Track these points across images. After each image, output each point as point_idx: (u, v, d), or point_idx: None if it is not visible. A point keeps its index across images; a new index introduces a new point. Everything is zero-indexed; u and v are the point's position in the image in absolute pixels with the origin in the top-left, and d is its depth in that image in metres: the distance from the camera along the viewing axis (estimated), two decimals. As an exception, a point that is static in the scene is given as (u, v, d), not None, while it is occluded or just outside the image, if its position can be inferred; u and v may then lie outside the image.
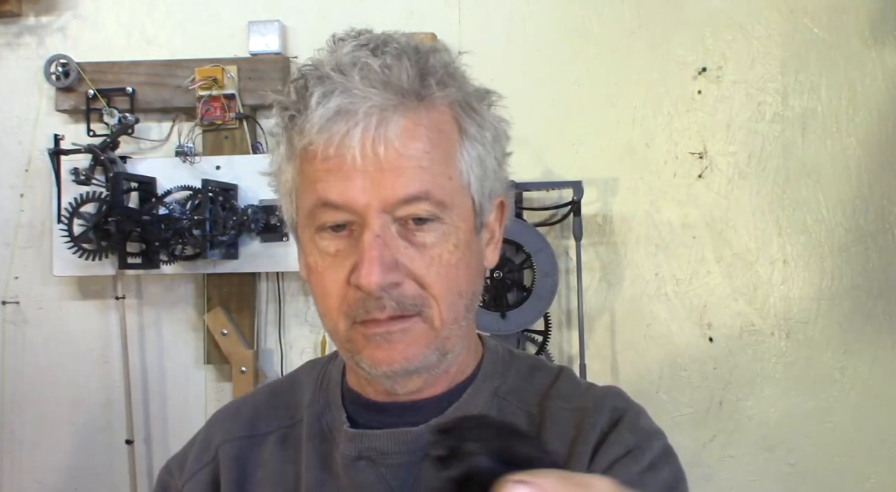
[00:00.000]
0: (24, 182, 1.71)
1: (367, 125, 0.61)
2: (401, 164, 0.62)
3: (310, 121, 0.63)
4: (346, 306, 0.64)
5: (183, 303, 1.68)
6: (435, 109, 0.65)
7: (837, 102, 1.56)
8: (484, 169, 0.68)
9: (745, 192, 1.57)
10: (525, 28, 1.62)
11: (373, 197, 0.62)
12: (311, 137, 0.63)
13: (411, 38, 0.67)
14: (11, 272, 1.70)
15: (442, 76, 0.66)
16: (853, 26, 1.55)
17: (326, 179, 0.63)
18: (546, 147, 1.60)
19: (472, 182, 0.67)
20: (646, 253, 1.58)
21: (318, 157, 0.63)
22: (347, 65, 0.63)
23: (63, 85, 1.62)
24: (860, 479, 1.51)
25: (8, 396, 1.70)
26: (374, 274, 0.60)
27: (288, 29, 1.65)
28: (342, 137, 0.62)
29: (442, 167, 0.64)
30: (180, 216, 1.52)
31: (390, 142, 0.62)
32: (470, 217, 0.67)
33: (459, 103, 0.68)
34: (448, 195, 0.64)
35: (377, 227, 0.62)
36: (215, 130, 1.61)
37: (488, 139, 0.69)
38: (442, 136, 0.65)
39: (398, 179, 0.62)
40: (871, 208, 1.54)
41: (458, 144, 0.67)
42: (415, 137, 0.63)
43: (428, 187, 0.63)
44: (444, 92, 0.66)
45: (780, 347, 1.55)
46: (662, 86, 1.59)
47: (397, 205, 0.62)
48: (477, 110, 0.69)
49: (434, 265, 0.64)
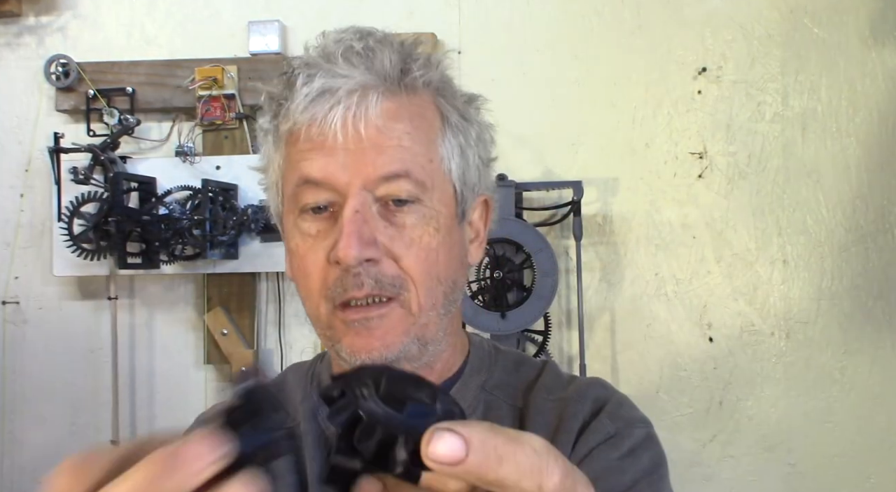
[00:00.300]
0: (24, 182, 1.71)
1: (348, 104, 0.63)
2: (381, 142, 0.63)
3: (294, 102, 0.64)
4: (325, 288, 0.64)
5: (183, 303, 1.68)
6: (417, 95, 0.67)
7: (837, 102, 1.56)
8: (466, 160, 0.69)
9: (745, 192, 1.57)
10: (525, 28, 1.62)
11: (354, 174, 0.63)
12: (296, 117, 0.64)
13: (397, 35, 0.69)
14: (11, 272, 1.70)
15: (424, 64, 0.67)
16: (853, 26, 1.55)
17: (308, 157, 0.64)
18: (546, 147, 1.60)
19: (453, 169, 0.67)
20: (646, 253, 1.58)
21: (301, 137, 0.65)
22: (332, 50, 0.65)
23: (63, 85, 1.61)
24: (860, 479, 1.51)
25: (8, 396, 1.70)
26: (352, 247, 0.60)
27: (288, 29, 1.65)
28: (324, 115, 0.63)
29: (422, 149, 0.65)
30: (180, 216, 1.52)
31: (371, 120, 0.63)
32: (451, 204, 0.68)
33: (441, 92, 0.69)
34: (428, 177, 0.65)
35: (357, 203, 0.62)
36: (215, 130, 1.61)
37: (472, 136, 0.70)
38: (423, 120, 0.66)
39: (379, 157, 0.63)
40: (871, 208, 1.54)
41: (440, 131, 0.67)
42: (396, 118, 0.64)
43: (408, 167, 0.64)
44: (425, 79, 0.67)
45: (780, 347, 1.55)
46: (662, 86, 1.59)
47: (378, 182, 0.63)
48: (458, 102, 0.70)
49: (413, 247, 0.64)
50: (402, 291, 0.64)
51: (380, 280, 0.63)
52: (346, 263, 0.61)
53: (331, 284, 0.63)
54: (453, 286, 0.68)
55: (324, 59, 0.64)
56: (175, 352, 1.67)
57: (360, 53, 0.64)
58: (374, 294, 0.63)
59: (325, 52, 0.65)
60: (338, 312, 0.64)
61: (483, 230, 0.74)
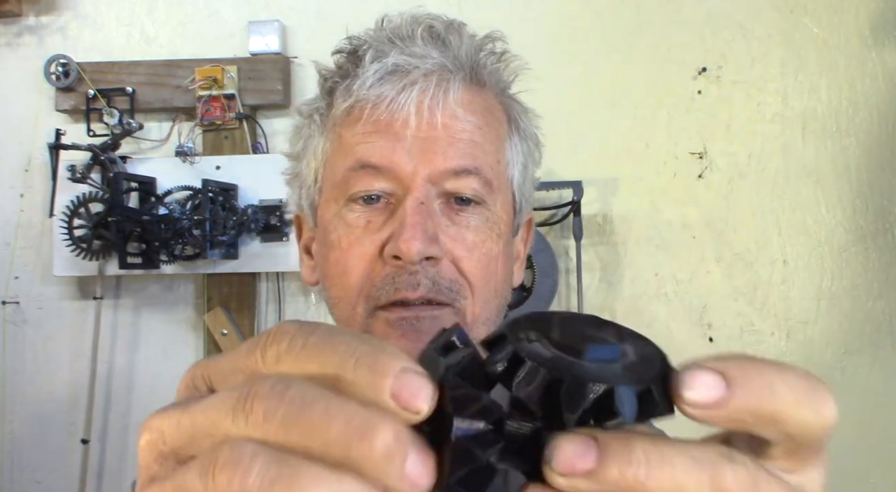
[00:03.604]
0: (24, 182, 1.71)
1: (425, 86, 0.56)
2: (455, 133, 0.57)
3: (360, 78, 0.57)
4: (369, 286, 0.56)
5: (183, 303, 1.68)
6: (488, 91, 0.61)
7: (837, 102, 1.56)
8: (526, 170, 0.63)
9: (745, 192, 1.57)
10: (525, 28, 1.62)
11: (421, 163, 0.56)
12: (360, 94, 0.57)
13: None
14: (11, 272, 1.70)
15: (498, 59, 0.62)
16: (853, 26, 1.55)
17: (369, 141, 0.57)
18: (546, 147, 1.59)
19: (515, 176, 0.62)
20: (646, 253, 1.58)
21: (363, 118, 0.57)
22: (408, 29, 0.58)
23: (63, 85, 1.61)
24: (860, 479, 1.51)
25: (8, 396, 1.70)
26: (417, 238, 0.53)
27: (288, 29, 1.65)
28: (396, 95, 0.56)
29: (493, 147, 0.60)
30: (180, 216, 1.52)
31: (449, 107, 0.56)
32: (511, 213, 0.62)
33: (510, 93, 0.64)
34: (496, 178, 0.59)
35: (422, 194, 0.55)
36: (215, 130, 1.61)
37: (531, 147, 0.65)
38: (493, 118, 0.61)
39: (450, 148, 0.56)
40: (871, 208, 1.54)
41: (508, 133, 0.62)
42: (471, 110, 0.58)
43: (479, 163, 0.58)
44: (498, 75, 0.62)
45: (780, 348, 1.55)
46: (662, 86, 1.59)
47: (446, 176, 0.57)
48: (525, 110, 0.66)
49: (476, 251, 0.57)
50: (459, 298, 0.56)
51: (437, 282, 0.55)
52: (408, 256, 0.53)
53: (378, 281, 0.55)
54: (504, 303, 0.61)
55: (397, 37, 0.58)
56: (175, 352, 1.67)
57: (440, 35, 0.58)
58: (428, 297, 0.55)
59: (398, 30, 0.59)
60: (380, 313, 0.56)
61: (524, 252, 0.68)
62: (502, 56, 0.64)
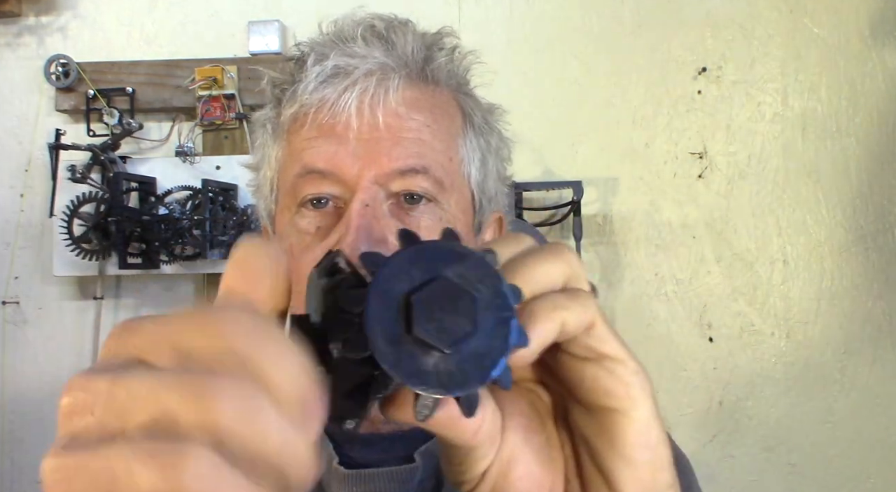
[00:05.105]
0: (24, 182, 1.71)
1: (365, 86, 0.55)
2: (399, 132, 0.56)
3: (304, 83, 0.57)
4: None
5: (183, 303, 1.67)
6: (439, 88, 0.60)
7: (837, 102, 1.56)
8: (486, 167, 0.62)
9: (745, 192, 1.57)
10: (525, 28, 1.62)
11: (365, 165, 0.55)
12: (304, 99, 0.57)
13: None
14: (11, 272, 1.70)
15: (448, 54, 0.61)
16: (853, 26, 1.55)
17: (314, 146, 0.56)
18: (546, 147, 1.60)
19: (472, 174, 0.61)
20: (646, 253, 1.58)
21: (307, 123, 0.57)
22: (350, 31, 0.58)
23: (63, 85, 1.61)
24: (860, 479, 1.51)
25: (8, 396, 1.70)
26: (361, 241, 0.52)
27: (288, 29, 1.65)
28: (337, 97, 0.55)
29: (443, 145, 0.58)
30: (180, 216, 1.52)
31: (390, 106, 0.55)
32: (469, 212, 0.60)
33: (464, 89, 0.62)
34: (447, 176, 0.58)
35: (367, 196, 0.54)
36: (215, 130, 1.61)
37: (492, 144, 0.63)
38: (445, 115, 0.59)
39: (395, 148, 0.55)
40: (871, 208, 1.54)
41: (462, 129, 0.61)
42: (416, 108, 0.57)
43: (427, 162, 0.56)
44: (450, 70, 0.60)
45: (780, 348, 1.55)
46: (662, 86, 1.59)
47: (392, 176, 0.55)
48: (481, 105, 0.64)
49: None
50: None
51: None
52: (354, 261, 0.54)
53: None
54: None
55: (339, 40, 0.58)
56: (175, 352, 1.67)
57: (382, 34, 0.57)
58: None
59: (340, 33, 0.58)
60: None
61: None
62: (453, 52, 0.62)
